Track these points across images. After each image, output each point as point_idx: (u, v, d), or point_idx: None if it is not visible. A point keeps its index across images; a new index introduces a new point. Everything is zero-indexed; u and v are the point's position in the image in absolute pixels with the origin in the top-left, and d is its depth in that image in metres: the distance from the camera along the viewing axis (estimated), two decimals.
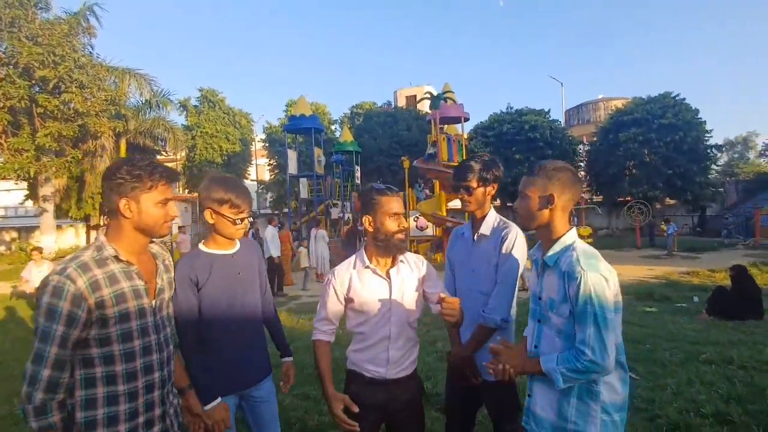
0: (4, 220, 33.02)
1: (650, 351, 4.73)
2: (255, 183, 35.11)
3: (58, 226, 20.84)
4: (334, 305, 1.88)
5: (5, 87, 14.55)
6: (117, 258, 1.39)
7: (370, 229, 1.83)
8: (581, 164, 26.19)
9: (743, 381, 3.65)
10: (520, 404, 2.08)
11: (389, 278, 1.84)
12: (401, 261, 1.88)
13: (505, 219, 2.13)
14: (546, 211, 1.57)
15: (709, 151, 23.17)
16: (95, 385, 1.35)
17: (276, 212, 31.11)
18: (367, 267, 1.84)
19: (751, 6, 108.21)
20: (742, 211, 22.56)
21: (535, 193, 1.58)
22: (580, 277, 1.43)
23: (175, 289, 1.71)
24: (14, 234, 26.87)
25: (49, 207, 18.32)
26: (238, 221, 1.85)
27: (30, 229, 26.06)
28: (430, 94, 15.98)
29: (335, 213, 18.59)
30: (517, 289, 2.06)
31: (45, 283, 1.29)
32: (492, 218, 2.12)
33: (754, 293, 6.42)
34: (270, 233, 10.05)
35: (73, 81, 15.50)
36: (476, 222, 2.16)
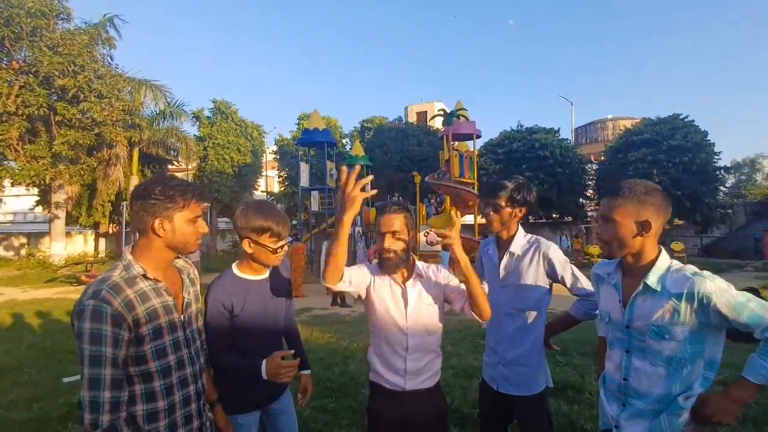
0: (13, 226, 33.37)
1: None
2: (265, 195, 35.30)
3: (67, 233, 20.97)
4: (360, 271, 1.86)
5: (24, 95, 14.83)
6: (145, 276, 1.40)
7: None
8: (590, 183, 26.17)
9: (758, 402, 3.61)
10: (551, 419, 2.12)
11: (405, 288, 1.86)
12: (418, 274, 1.89)
13: (533, 235, 2.14)
14: (639, 239, 1.47)
15: (717, 172, 23.13)
16: (135, 402, 1.35)
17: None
18: (385, 275, 1.88)
19: (756, 26, 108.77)
20: (750, 233, 22.33)
21: (626, 218, 1.46)
22: (718, 290, 1.36)
23: (206, 310, 1.73)
24: (23, 240, 27.02)
25: (61, 214, 18.48)
26: (279, 250, 1.81)
27: (39, 235, 26.18)
28: (444, 111, 16.17)
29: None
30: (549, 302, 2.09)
31: (81, 308, 1.28)
32: (521, 236, 2.12)
33: None
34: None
35: (92, 90, 15.80)
36: (502, 242, 2.15)
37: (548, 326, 2.14)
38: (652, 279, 1.45)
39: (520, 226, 2.14)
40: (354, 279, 1.81)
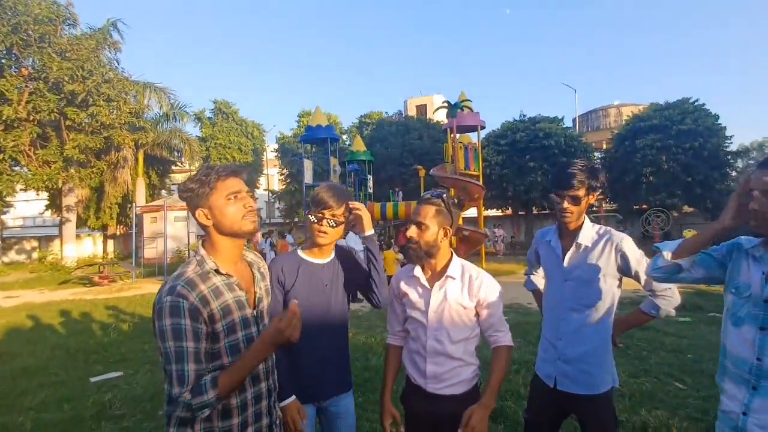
0: (23, 230, 33.65)
1: (694, 361, 4.67)
2: (266, 193, 35.41)
3: (77, 236, 21.14)
4: (394, 313, 1.94)
5: (35, 101, 14.92)
6: (217, 271, 1.38)
7: None
8: None
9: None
10: (618, 420, 2.02)
11: (431, 289, 1.81)
12: (450, 277, 1.80)
13: (601, 225, 2.01)
14: None
15: (729, 157, 22.70)
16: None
17: (287, 221, 31.33)
18: (413, 275, 1.85)
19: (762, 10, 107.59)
20: None
21: None
22: None
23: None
24: (35, 243, 27.34)
25: (72, 217, 18.64)
26: (321, 222, 1.82)
27: (50, 239, 26.51)
28: (448, 103, 16.01)
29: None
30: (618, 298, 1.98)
31: (160, 306, 1.27)
32: (590, 227, 1.97)
33: None
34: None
35: (100, 95, 15.91)
36: (567, 233, 2.00)
37: (618, 323, 2.01)
38: None
39: (586, 216, 1.99)
40: (397, 320, 1.95)
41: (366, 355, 5.06)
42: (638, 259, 1.89)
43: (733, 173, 23.67)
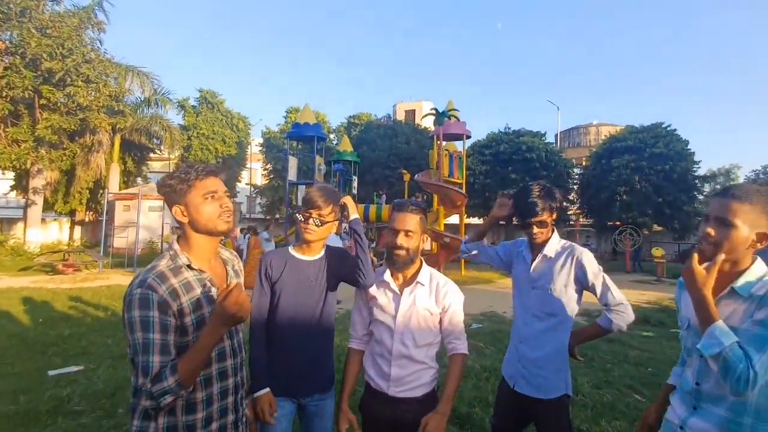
0: None
1: (654, 374, 4.81)
2: (248, 187, 34.92)
3: (42, 220, 20.33)
4: (359, 317, 1.99)
5: (10, 76, 14.35)
6: (190, 266, 1.40)
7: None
8: (574, 187, 26.61)
9: None
10: (580, 430, 2.10)
11: (400, 295, 1.87)
12: (420, 283, 1.87)
13: (566, 240, 2.17)
14: (751, 249, 1.37)
15: (696, 181, 23.81)
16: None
17: (268, 217, 30.92)
18: (383, 280, 1.90)
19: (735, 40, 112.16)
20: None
21: (745, 224, 1.34)
22: None
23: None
24: None
25: (39, 200, 17.95)
26: (308, 219, 1.87)
27: (12, 221, 25.30)
28: (436, 110, 16.20)
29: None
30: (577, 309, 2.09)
31: (129, 299, 1.29)
32: (556, 240, 2.12)
33: None
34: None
35: (79, 75, 15.39)
36: (536, 245, 2.14)
37: (574, 334, 2.12)
38: (741, 285, 1.39)
39: (555, 230, 2.15)
40: (362, 325, 1.99)
41: (339, 357, 5.00)
42: (596, 273, 2.02)
43: (700, 196, 24.70)
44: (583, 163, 28.82)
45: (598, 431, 3.33)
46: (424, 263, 1.95)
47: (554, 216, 2.10)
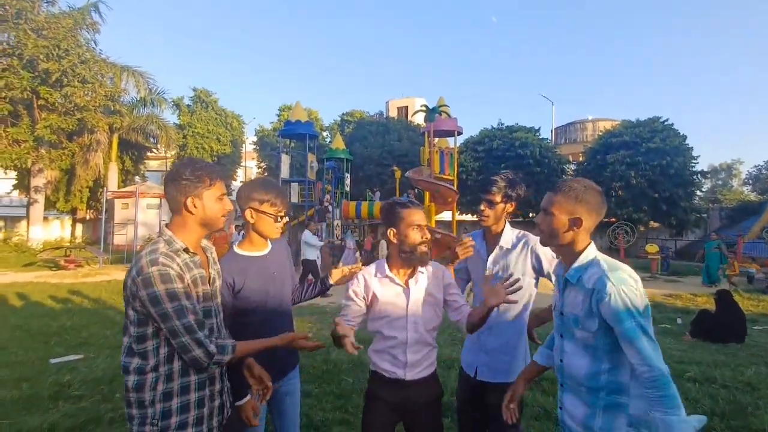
0: None
1: None
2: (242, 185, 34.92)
3: (44, 218, 20.54)
4: (355, 305, 1.96)
5: (8, 77, 14.50)
6: (185, 249, 1.54)
7: (395, 241, 1.93)
8: None
9: (726, 399, 3.80)
10: (523, 407, 2.17)
11: (408, 287, 1.94)
12: (420, 272, 1.96)
13: (520, 230, 2.23)
14: (570, 233, 1.55)
15: (694, 177, 23.33)
16: (172, 361, 1.50)
17: None
18: (387, 276, 1.94)
19: (739, 34, 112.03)
20: (724, 237, 23.04)
21: (561, 213, 1.55)
22: (614, 294, 1.40)
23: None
24: (0, 223, 26.37)
25: (40, 198, 18.13)
26: (279, 218, 1.95)
27: (16, 219, 25.64)
28: (426, 107, 16.21)
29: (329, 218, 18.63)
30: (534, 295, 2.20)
31: (146, 276, 1.40)
32: (510, 231, 2.20)
33: (738, 317, 6.48)
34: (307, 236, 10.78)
35: (75, 75, 15.55)
36: (491, 236, 2.23)
37: (532, 317, 2.21)
38: (571, 272, 1.56)
39: (507, 222, 2.21)
40: (354, 315, 1.92)
41: (327, 349, 5.18)
42: (550, 260, 2.10)
43: (698, 192, 24.33)
44: (580, 159, 28.75)
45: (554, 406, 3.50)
46: None
47: (509, 205, 2.17)
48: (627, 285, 1.42)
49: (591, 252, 1.56)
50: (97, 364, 4.53)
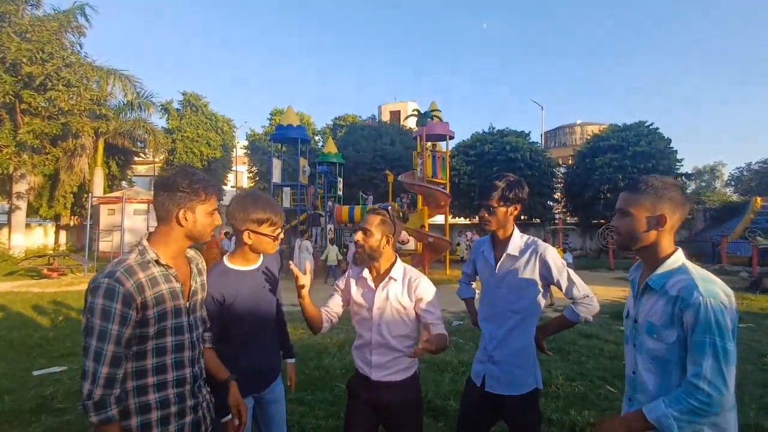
0: None
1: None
2: (234, 190, 34.78)
3: (27, 225, 20.12)
4: (336, 297, 2.15)
5: None
6: (157, 262, 1.49)
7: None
8: (558, 186, 26.93)
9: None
10: (549, 419, 2.12)
11: (375, 290, 2.02)
12: (393, 278, 2.01)
13: (529, 236, 2.15)
14: (653, 233, 1.46)
15: (679, 179, 23.59)
16: (129, 378, 1.43)
17: None
18: (362, 276, 2.07)
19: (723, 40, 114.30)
20: (708, 237, 23.43)
21: (641, 212, 1.46)
22: (700, 304, 1.30)
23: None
24: None
25: (22, 205, 17.76)
26: (278, 236, 1.94)
27: None
28: (418, 111, 16.30)
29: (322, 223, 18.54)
30: (543, 305, 2.12)
31: (96, 285, 1.36)
32: (518, 238, 2.11)
33: None
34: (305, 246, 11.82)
35: (60, 79, 15.31)
36: (498, 242, 2.15)
37: (541, 328, 2.13)
38: (655, 277, 1.45)
39: (515, 226, 2.13)
40: (333, 304, 2.13)
41: (319, 355, 5.12)
42: (560, 269, 2.03)
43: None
44: (570, 163, 29.16)
45: (567, 420, 3.40)
46: (398, 260, 2.08)
47: (511, 210, 2.08)
48: (717, 299, 1.31)
49: (679, 257, 1.47)
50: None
